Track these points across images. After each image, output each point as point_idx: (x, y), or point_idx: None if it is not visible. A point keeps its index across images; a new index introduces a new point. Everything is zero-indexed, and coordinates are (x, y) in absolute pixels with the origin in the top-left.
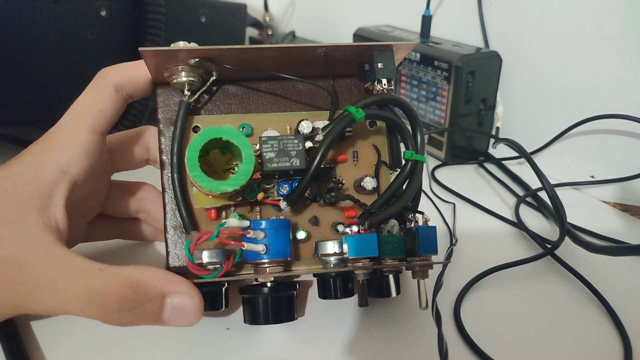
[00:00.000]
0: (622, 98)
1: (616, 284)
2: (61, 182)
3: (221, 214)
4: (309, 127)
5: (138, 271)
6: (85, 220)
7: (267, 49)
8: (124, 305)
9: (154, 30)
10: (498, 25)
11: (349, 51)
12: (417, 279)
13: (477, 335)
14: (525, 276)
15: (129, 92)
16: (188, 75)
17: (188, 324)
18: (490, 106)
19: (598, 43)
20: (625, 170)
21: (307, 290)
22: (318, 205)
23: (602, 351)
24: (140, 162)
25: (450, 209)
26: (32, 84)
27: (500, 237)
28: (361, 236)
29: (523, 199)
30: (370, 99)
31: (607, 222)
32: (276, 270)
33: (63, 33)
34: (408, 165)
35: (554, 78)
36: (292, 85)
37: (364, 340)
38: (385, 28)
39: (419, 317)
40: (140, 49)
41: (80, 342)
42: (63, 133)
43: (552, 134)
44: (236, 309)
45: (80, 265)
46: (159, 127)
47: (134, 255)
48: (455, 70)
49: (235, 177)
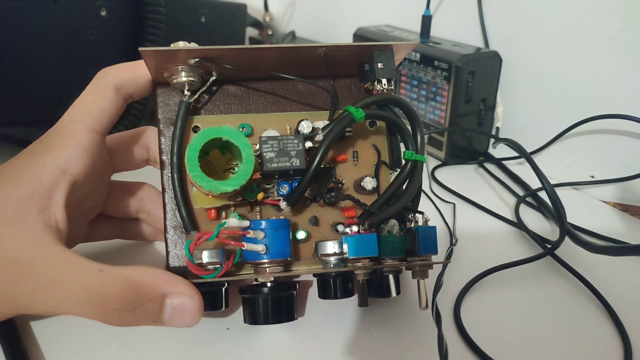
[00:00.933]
0: (622, 98)
1: (616, 284)
2: (61, 182)
3: (221, 214)
4: (309, 127)
5: (138, 271)
6: (86, 220)
7: (267, 49)
8: (124, 305)
9: (154, 30)
10: (498, 25)
11: (349, 51)
12: (417, 279)
13: (477, 335)
14: (525, 276)
15: (129, 92)
16: (188, 75)
17: (188, 324)
18: (490, 106)
19: (598, 43)
20: (625, 170)
21: (307, 290)
22: (318, 205)
23: (602, 351)
24: (140, 162)
25: (450, 209)
26: (32, 84)
27: (500, 237)
28: (361, 236)
29: (523, 199)
30: (370, 99)
31: (607, 222)
32: (276, 270)
33: (63, 33)
34: (408, 165)
35: (554, 78)
36: (292, 85)
37: (364, 340)
38: (385, 28)
39: (419, 317)
40: (140, 49)
41: (80, 342)
42: (63, 133)
43: (552, 134)
44: (236, 309)
45: (80, 266)
46: (159, 127)
47: (134, 255)
48: (455, 70)
49: (235, 177)
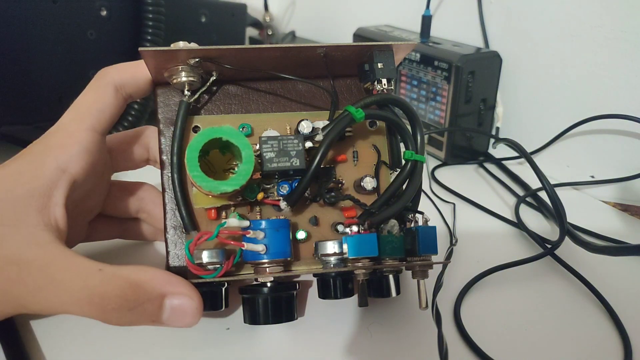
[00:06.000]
0: (622, 98)
1: (616, 284)
2: (61, 182)
3: (221, 214)
4: (309, 127)
5: (138, 271)
6: (85, 220)
7: (267, 49)
8: (124, 305)
9: (154, 30)
10: (498, 25)
11: (349, 51)
12: (417, 279)
13: (477, 335)
14: (525, 276)
15: (128, 92)
16: (188, 75)
17: (187, 324)
18: (490, 106)
19: (598, 43)
20: (625, 170)
21: (307, 290)
22: (318, 205)
23: (602, 351)
24: (140, 162)
25: (450, 209)
26: (32, 84)
27: (500, 237)
28: (361, 236)
29: (523, 199)
30: (370, 99)
31: (607, 222)
32: (276, 270)
33: (63, 33)
34: (408, 165)
35: (554, 78)
36: (292, 85)
37: (364, 340)
38: (385, 28)
39: (419, 317)
40: (140, 49)
41: (80, 342)
42: (63, 132)
43: (552, 134)
44: (236, 309)
45: (80, 265)
46: (159, 127)
47: (134, 255)
48: (455, 70)
49: (235, 177)
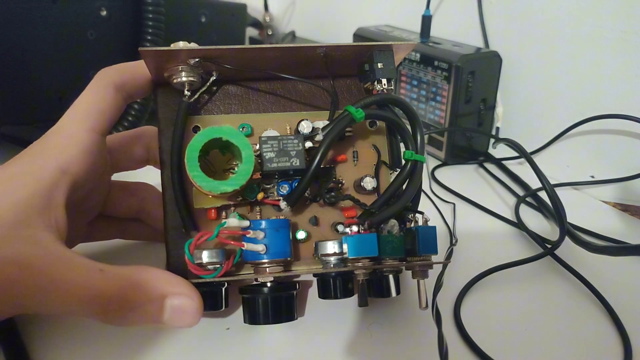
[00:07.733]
0: (622, 98)
1: (616, 284)
2: (61, 182)
3: (221, 214)
4: (309, 127)
5: (138, 271)
6: (86, 220)
7: (267, 49)
8: (124, 305)
9: (154, 30)
10: (498, 25)
11: (349, 51)
12: (417, 279)
13: (477, 335)
14: (525, 276)
15: (129, 92)
16: (188, 75)
17: (188, 325)
18: (490, 106)
19: (598, 43)
20: (625, 170)
21: (307, 290)
22: (318, 205)
23: (602, 351)
24: (140, 162)
25: (450, 209)
26: (32, 84)
27: (500, 237)
28: (361, 236)
29: (523, 199)
30: (370, 99)
31: (607, 222)
32: (276, 270)
33: (63, 33)
34: (408, 165)
35: (553, 78)
36: (292, 85)
37: (364, 340)
38: (385, 28)
39: (419, 317)
40: (140, 49)
41: (80, 342)
42: (63, 133)
43: (552, 134)
44: (236, 309)
45: (80, 265)
46: (159, 127)
47: (134, 255)
48: (455, 70)
49: (235, 177)
